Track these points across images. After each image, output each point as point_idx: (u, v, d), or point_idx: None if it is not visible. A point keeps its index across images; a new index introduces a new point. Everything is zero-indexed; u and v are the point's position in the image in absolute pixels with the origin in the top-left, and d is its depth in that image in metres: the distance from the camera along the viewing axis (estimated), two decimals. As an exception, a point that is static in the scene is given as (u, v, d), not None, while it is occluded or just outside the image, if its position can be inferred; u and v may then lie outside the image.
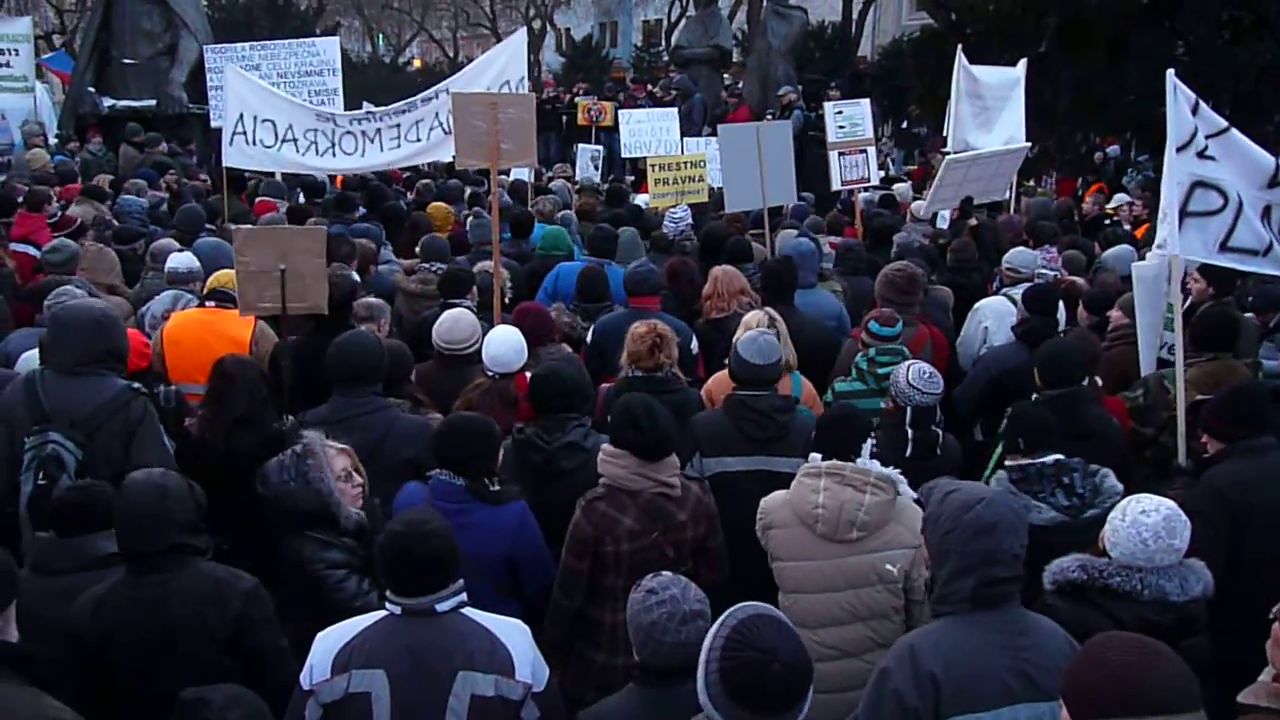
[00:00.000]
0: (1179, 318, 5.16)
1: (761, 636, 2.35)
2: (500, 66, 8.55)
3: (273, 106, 8.60)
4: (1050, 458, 3.93)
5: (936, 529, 2.86)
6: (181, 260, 6.34)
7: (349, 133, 8.47)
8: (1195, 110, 4.94)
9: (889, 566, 3.56)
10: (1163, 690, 2.17)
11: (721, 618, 2.44)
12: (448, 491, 3.72)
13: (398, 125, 8.43)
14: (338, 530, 3.56)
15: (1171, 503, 3.13)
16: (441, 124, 8.35)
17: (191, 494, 3.22)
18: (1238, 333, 5.45)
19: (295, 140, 8.46)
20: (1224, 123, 5.04)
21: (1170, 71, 4.97)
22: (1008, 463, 4.06)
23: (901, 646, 2.84)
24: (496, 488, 3.78)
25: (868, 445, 3.78)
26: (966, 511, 2.79)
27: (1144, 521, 3.05)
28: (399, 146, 8.45)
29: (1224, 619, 3.26)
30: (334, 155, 8.48)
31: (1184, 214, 4.90)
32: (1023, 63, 10.98)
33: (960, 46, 10.80)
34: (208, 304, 5.62)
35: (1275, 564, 3.71)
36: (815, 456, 3.74)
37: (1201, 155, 4.91)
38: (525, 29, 10.27)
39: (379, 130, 8.43)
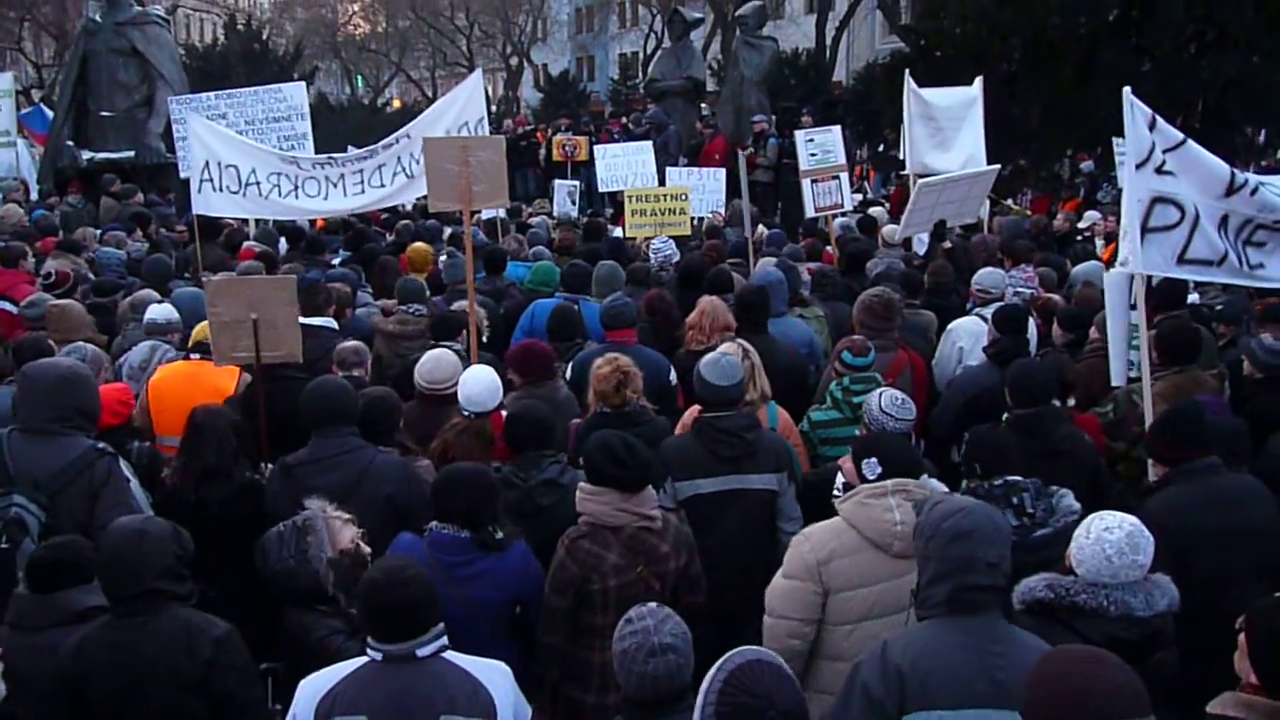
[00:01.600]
0: (1145, 335, 5.22)
1: (758, 682, 2.37)
2: (459, 109, 8.68)
3: (236, 152, 8.68)
4: (999, 480, 3.96)
5: (920, 536, 2.96)
6: (160, 312, 6.36)
7: (311, 177, 8.56)
8: (1152, 126, 4.99)
9: None
10: (1111, 698, 2.22)
11: (719, 662, 2.46)
12: (451, 544, 3.70)
13: (360, 170, 8.53)
14: (337, 606, 3.52)
15: (1135, 519, 3.18)
16: (404, 169, 8.47)
17: (176, 540, 3.23)
18: (1200, 344, 5.51)
19: (259, 184, 8.54)
20: (1180, 136, 5.10)
21: (1127, 89, 5.04)
22: (964, 486, 4.10)
23: (876, 643, 2.93)
24: (500, 535, 3.76)
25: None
26: (945, 520, 2.89)
27: (1107, 538, 3.10)
28: (362, 192, 8.55)
29: (1183, 638, 3.29)
30: (297, 198, 8.55)
31: (1145, 230, 4.96)
32: (978, 81, 11.12)
33: (907, 71, 10.95)
34: (192, 356, 5.62)
35: (1225, 581, 3.71)
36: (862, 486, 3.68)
37: (1160, 171, 4.97)
38: (480, 71, 10.36)
39: (342, 175, 8.53)
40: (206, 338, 5.54)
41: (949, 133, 10.79)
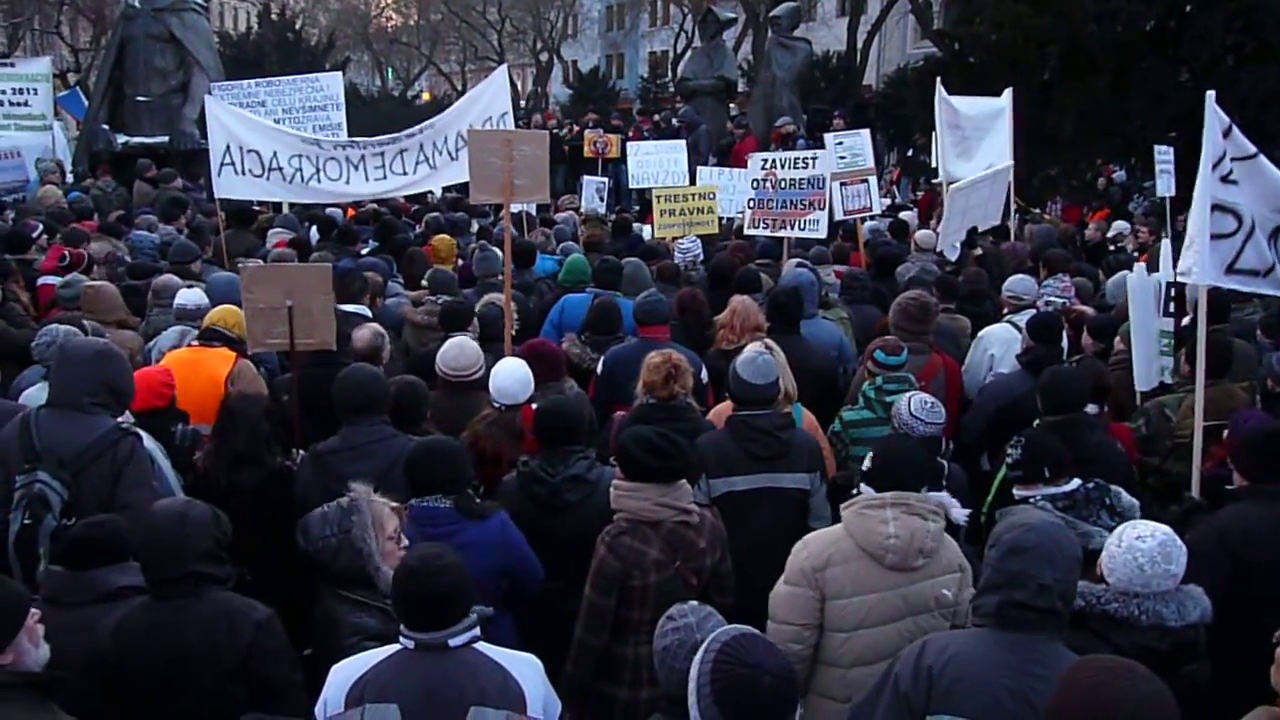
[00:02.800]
0: (1201, 345, 5.09)
1: (748, 653, 2.41)
2: (484, 103, 8.68)
3: (257, 135, 8.70)
4: (1085, 482, 3.92)
5: (988, 545, 2.98)
6: (190, 297, 6.41)
7: (333, 158, 8.55)
8: (1227, 133, 4.90)
9: (945, 591, 3.58)
10: (1143, 709, 2.21)
11: (704, 644, 2.49)
12: (434, 516, 3.75)
13: (381, 154, 8.52)
14: (375, 592, 3.48)
15: (1167, 528, 3.14)
16: (427, 158, 8.47)
17: (216, 524, 3.26)
18: (1230, 358, 5.44)
19: (281, 169, 8.55)
20: (1253, 149, 5.00)
21: (1210, 94, 4.93)
22: (1036, 492, 3.96)
23: (918, 641, 2.97)
24: (478, 500, 3.81)
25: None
26: (1008, 531, 2.91)
27: (1140, 547, 3.06)
28: (384, 177, 8.55)
29: (1224, 653, 3.26)
30: (319, 181, 8.55)
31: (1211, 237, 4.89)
32: (1008, 93, 11.08)
33: (940, 79, 10.90)
34: (194, 343, 5.64)
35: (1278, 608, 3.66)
36: (867, 489, 3.66)
37: (1225, 179, 4.90)
38: (506, 66, 10.38)
39: (363, 157, 8.51)
40: (214, 324, 5.58)
41: (972, 141, 10.79)
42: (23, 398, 5.02)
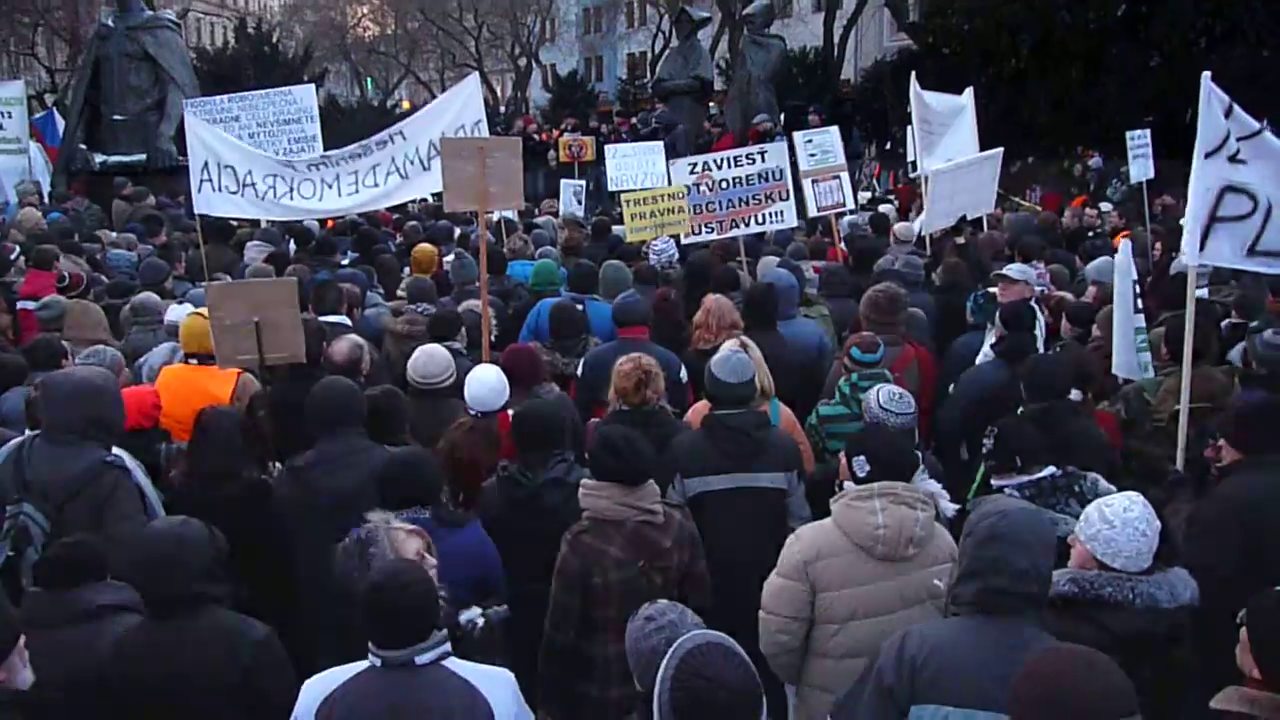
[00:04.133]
0: (1190, 327, 5.08)
1: (707, 665, 2.39)
2: (456, 111, 8.59)
3: (233, 153, 8.69)
4: (1055, 470, 3.96)
5: (964, 533, 3.01)
6: (180, 313, 6.38)
7: (307, 179, 8.53)
8: (1229, 113, 4.84)
9: (936, 582, 3.58)
10: (1103, 698, 2.25)
11: (672, 648, 2.48)
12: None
13: (355, 171, 8.48)
14: None
15: (1133, 493, 3.19)
16: (399, 169, 8.40)
17: (212, 542, 3.26)
18: (1212, 341, 5.49)
19: (254, 185, 8.53)
20: (1256, 125, 4.94)
21: (1206, 75, 4.89)
22: (1009, 481, 4.00)
23: (898, 633, 2.97)
24: (452, 509, 3.84)
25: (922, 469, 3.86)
26: (984, 520, 2.93)
27: (1131, 518, 3.10)
28: (356, 191, 8.48)
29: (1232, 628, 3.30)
30: (292, 199, 8.52)
31: (1214, 219, 4.84)
32: (968, 91, 11.21)
33: (914, 74, 10.99)
34: (190, 361, 5.62)
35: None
36: (850, 486, 3.69)
37: (1233, 159, 4.83)
38: (477, 75, 10.33)
39: (337, 176, 8.47)
40: (190, 350, 5.55)
41: (936, 136, 10.88)
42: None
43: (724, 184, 8.84)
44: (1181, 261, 5.00)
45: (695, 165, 9.07)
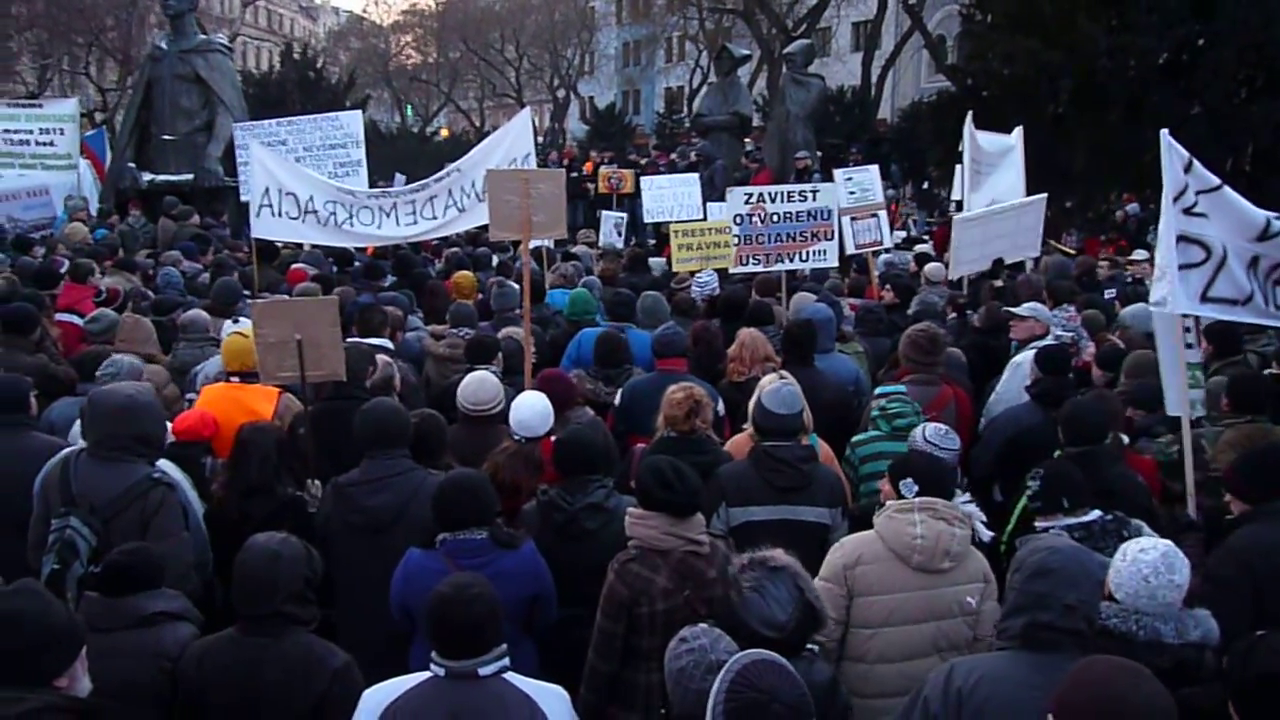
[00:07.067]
0: (1180, 373, 5.17)
1: (762, 678, 2.46)
2: (508, 145, 8.87)
3: (295, 180, 8.93)
4: (1104, 514, 3.97)
5: (1012, 568, 3.09)
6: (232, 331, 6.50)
7: (366, 206, 8.80)
8: (1188, 168, 5.11)
9: (968, 599, 3.75)
10: (1148, 709, 2.29)
11: (726, 664, 2.55)
12: (469, 548, 3.79)
13: (413, 202, 8.76)
14: None
15: (1169, 542, 3.19)
16: (455, 202, 8.68)
17: (308, 564, 3.32)
18: (1272, 395, 5.37)
19: (316, 212, 8.78)
20: (1217, 180, 5.19)
21: (1164, 131, 5.14)
22: (1056, 523, 3.99)
23: (946, 664, 3.05)
24: (507, 530, 3.91)
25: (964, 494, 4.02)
26: (1033, 555, 3.02)
27: (1143, 559, 3.10)
28: (415, 222, 8.78)
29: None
30: (352, 226, 8.79)
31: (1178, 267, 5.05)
32: (1018, 131, 11.22)
33: (971, 113, 11.05)
34: (232, 379, 5.69)
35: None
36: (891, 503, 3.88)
37: (1188, 211, 5.07)
38: (529, 109, 10.60)
39: (395, 205, 8.76)
40: (232, 369, 5.64)
41: (984, 176, 10.93)
42: (71, 434, 5.12)
43: (775, 217, 8.88)
44: (1166, 308, 5.12)
45: (751, 196, 9.11)
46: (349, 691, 3.22)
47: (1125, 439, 5.31)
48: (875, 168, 10.64)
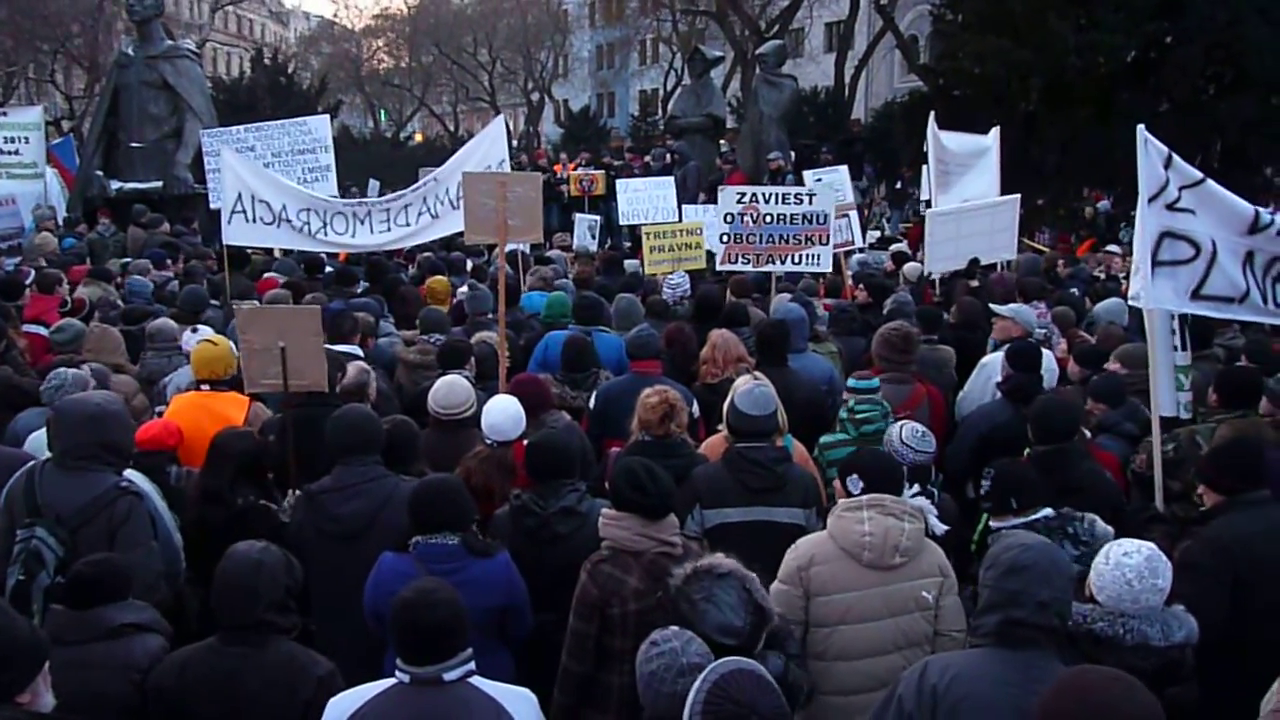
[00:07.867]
0: (1165, 369, 5.18)
1: (741, 690, 2.45)
2: (483, 152, 8.92)
3: (267, 187, 8.92)
4: (1049, 511, 3.99)
5: (983, 566, 3.07)
6: (197, 340, 6.43)
7: (340, 213, 8.85)
8: (1168, 164, 5.02)
9: (925, 594, 3.74)
10: (1133, 715, 2.27)
11: (704, 673, 2.53)
12: (440, 554, 3.76)
13: (386, 210, 8.82)
14: None
15: (1151, 545, 3.21)
16: (429, 209, 8.72)
17: (289, 573, 3.29)
18: (1257, 388, 5.37)
19: (290, 219, 8.78)
20: (1199, 174, 5.12)
21: (1140, 127, 5.08)
22: (1006, 523, 4.02)
23: (920, 662, 3.05)
24: (482, 538, 3.87)
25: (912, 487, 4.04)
26: (1005, 552, 3.00)
27: (1127, 563, 3.14)
28: (388, 229, 8.83)
29: (1229, 668, 3.31)
30: (325, 234, 8.83)
31: (1155, 263, 4.99)
32: (994, 131, 11.25)
33: (933, 113, 11.10)
34: (202, 387, 5.65)
35: None
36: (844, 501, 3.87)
37: (1171, 207, 5.00)
38: (503, 117, 10.62)
39: (369, 212, 8.82)
40: (216, 374, 5.59)
41: (952, 176, 10.97)
42: (30, 441, 5.05)
43: (768, 218, 8.78)
44: (1141, 303, 5.11)
45: (744, 195, 9.00)
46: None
47: (1088, 434, 5.32)
48: (845, 168, 10.71)
